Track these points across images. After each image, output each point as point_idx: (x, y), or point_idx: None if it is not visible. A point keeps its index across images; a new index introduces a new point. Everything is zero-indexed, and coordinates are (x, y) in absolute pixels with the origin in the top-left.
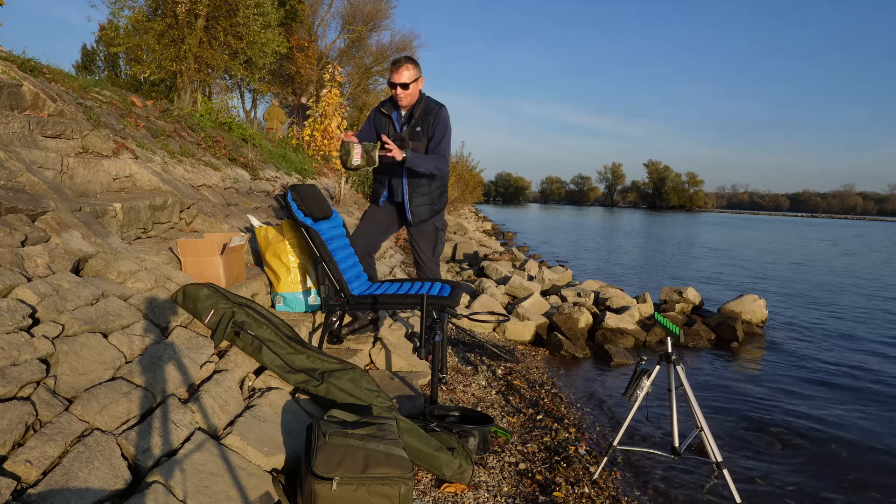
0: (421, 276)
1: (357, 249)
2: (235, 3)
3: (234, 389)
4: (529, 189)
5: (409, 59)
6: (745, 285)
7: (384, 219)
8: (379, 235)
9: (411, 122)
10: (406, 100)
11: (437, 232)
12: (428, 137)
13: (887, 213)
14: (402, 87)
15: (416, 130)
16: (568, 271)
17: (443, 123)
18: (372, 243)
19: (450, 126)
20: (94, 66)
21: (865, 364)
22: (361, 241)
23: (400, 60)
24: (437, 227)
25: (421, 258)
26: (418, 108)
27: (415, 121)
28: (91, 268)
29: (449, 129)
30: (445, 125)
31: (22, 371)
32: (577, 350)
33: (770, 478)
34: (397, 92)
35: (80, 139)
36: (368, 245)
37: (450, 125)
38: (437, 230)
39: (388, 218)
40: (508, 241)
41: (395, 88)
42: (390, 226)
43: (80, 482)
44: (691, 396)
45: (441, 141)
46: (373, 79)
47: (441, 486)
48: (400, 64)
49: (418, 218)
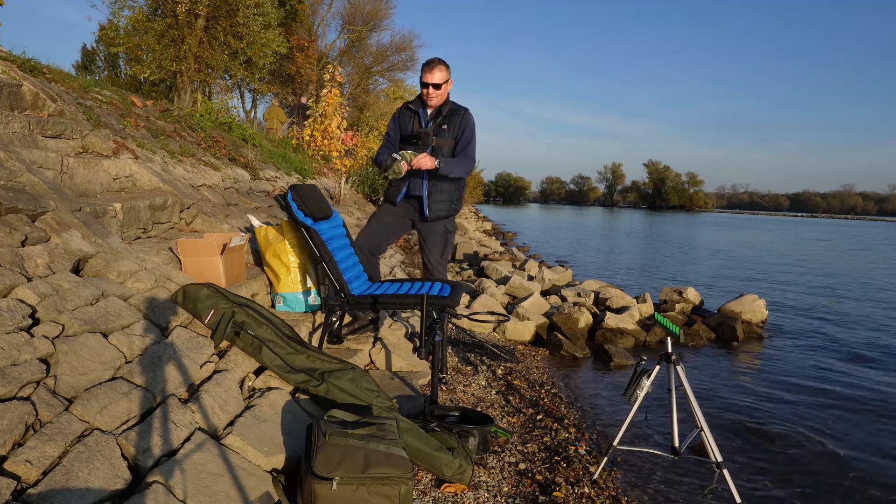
0: (428, 278)
1: (363, 249)
2: (235, 3)
3: (234, 389)
4: (529, 189)
5: (441, 60)
6: (745, 285)
7: (393, 220)
8: (386, 237)
9: (437, 119)
10: (436, 100)
11: (447, 234)
12: (454, 137)
13: (887, 213)
14: (434, 87)
15: (441, 128)
16: (568, 271)
17: (471, 126)
18: (378, 244)
19: (474, 125)
20: (94, 66)
21: (865, 364)
22: (368, 242)
23: (433, 62)
24: (448, 230)
25: (429, 260)
26: (445, 108)
27: (441, 119)
28: (91, 268)
29: (474, 128)
30: (473, 128)
31: (22, 371)
32: (577, 350)
33: (770, 478)
34: (428, 91)
35: (80, 139)
36: (374, 246)
37: (474, 125)
38: (447, 232)
39: (399, 219)
40: (508, 241)
41: (426, 88)
42: (399, 227)
43: (80, 482)
44: (691, 396)
45: (469, 143)
46: (373, 79)
47: (441, 486)
48: (433, 65)
49: (435, 213)
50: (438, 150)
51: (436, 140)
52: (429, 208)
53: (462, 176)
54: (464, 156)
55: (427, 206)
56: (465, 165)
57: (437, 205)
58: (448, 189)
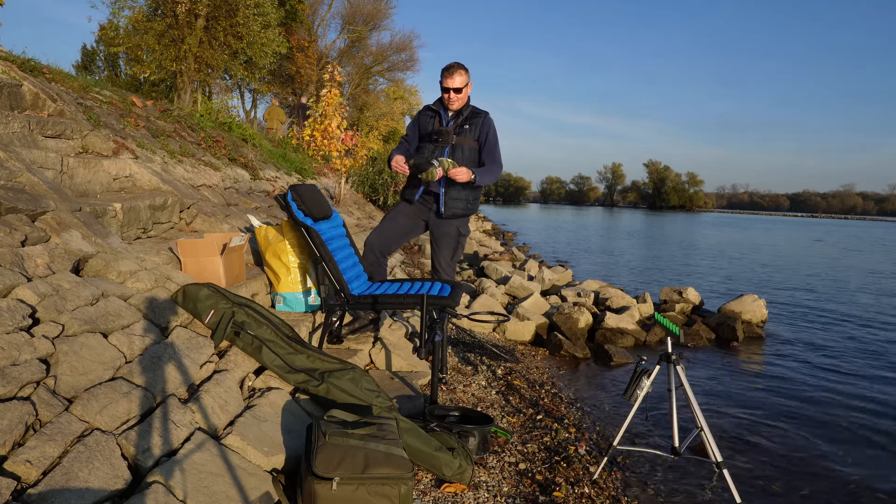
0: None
1: (374, 248)
2: (235, 3)
3: (234, 389)
4: (529, 189)
5: (461, 65)
6: (745, 285)
7: (407, 221)
8: (398, 238)
9: (458, 119)
10: (457, 103)
11: (459, 237)
12: (475, 139)
13: (887, 213)
14: (455, 91)
15: (463, 127)
16: (568, 271)
17: (493, 130)
18: (389, 245)
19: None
20: (94, 66)
21: (865, 363)
22: (379, 242)
23: (452, 67)
24: (461, 233)
25: (439, 262)
26: (466, 110)
27: (462, 119)
28: (91, 268)
29: (496, 131)
30: (496, 132)
31: (22, 371)
32: (577, 350)
33: (770, 478)
34: (450, 96)
35: (80, 139)
36: (385, 246)
37: (495, 128)
38: (459, 235)
39: (413, 220)
40: (508, 241)
41: (447, 93)
42: (413, 229)
43: (80, 482)
44: (691, 396)
45: (495, 148)
46: (373, 79)
47: (441, 486)
48: (453, 70)
49: (451, 211)
50: (459, 147)
51: (456, 138)
52: (445, 205)
53: (491, 180)
54: (492, 162)
55: (443, 203)
56: (496, 172)
57: (454, 202)
58: (466, 187)
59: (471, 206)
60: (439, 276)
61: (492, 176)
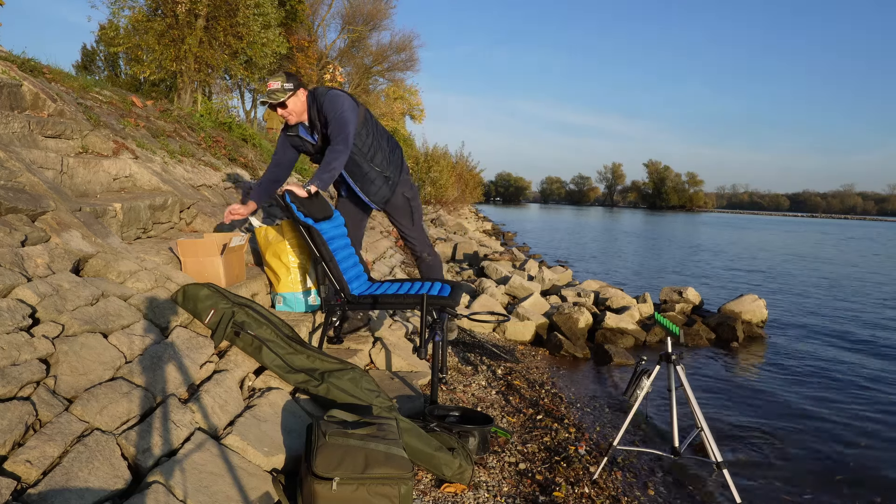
0: (411, 250)
1: None
2: (235, 3)
3: (234, 389)
4: (529, 189)
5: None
6: (745, 285)
7: (353, 209)
8: (356, 227)
9: (318, 127)
10: (293, 118)
11: (408, 202)
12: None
13: (887, 213)
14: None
15: (324, 133)
16: (568, 271)
17: (328, 105)
18: (353, 235)
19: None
20: (94, 66)
21: (865, 363)
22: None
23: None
24: (407, 197)
25: (403, 232)
26: (312, 111)
27: (319, 124)
28: (91, 268)
29: (338, 104)
30: (332, 105)
31: (22, 371)
32: (577, 350)
33: (770, 478)
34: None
35: (80, 139)
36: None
37: (338, 100)
38: (407, 200)
39: (358, 207)
40: (508, 241)
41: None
42: (364, 214)
43: (80, 482)
44: (691, 396)
45: (333, 124)
46: (373, 79)
47: (441, 486)
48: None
49: (381, 199)
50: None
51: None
52: (370, 201)
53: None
54: (330, 150)
55: (367, 200)
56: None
57: (376, 194)
58: (372, 171)
59: (392, 179)
60: (411, 245)
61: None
